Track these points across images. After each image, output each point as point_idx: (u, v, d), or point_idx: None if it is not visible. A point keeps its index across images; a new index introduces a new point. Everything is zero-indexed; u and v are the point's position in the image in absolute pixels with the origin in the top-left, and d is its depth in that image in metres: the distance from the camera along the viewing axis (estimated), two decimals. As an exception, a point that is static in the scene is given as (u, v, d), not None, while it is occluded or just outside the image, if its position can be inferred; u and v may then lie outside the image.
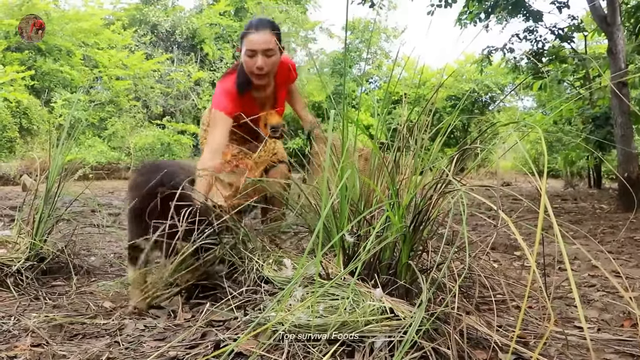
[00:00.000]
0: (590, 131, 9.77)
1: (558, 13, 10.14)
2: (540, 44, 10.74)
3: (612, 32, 6.54)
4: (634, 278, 2.76)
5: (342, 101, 1.84)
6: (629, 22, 8.22)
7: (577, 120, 11.31)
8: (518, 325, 0.89)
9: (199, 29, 19.54)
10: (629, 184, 6.33)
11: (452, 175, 1.45)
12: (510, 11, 9.66)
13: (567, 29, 10.43)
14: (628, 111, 6.52)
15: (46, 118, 13.39)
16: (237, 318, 1.67)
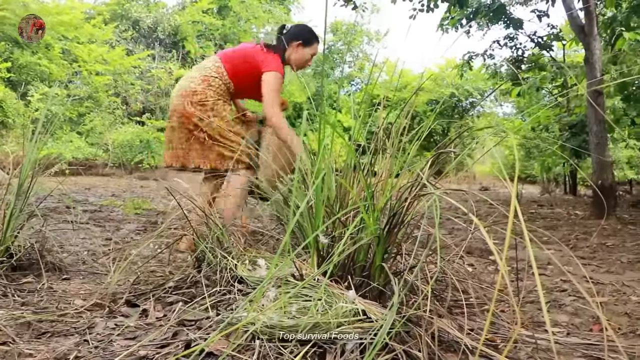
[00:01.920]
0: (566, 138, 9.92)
1: (538, 21, 10.29)
2: (520, 51, 10.89)
3: (589, 42, 6.64)
4: (604, 283, 2.79)
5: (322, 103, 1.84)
6: (606, 32, 8.35)
7: (555, 127, 11.46)
8: (485, 328, 0.89)
9: (181, 26, 19.43)
10: (602, 191, 6.43)
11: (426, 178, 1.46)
12: (491, 18, 9.77)
13: (546, 38, 10.58)
14: (603, 120, 6.62)
15: (22, 112, 13.19)
16: (210, 318, 1.66)
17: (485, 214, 5.33)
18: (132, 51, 17.75)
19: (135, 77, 16.93)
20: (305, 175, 2.00)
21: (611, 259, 3.71)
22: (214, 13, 21.27)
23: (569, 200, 10.62)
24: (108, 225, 4.29)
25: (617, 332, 1.93)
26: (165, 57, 19.12)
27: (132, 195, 7.64)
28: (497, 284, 0.89)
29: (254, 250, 2.13)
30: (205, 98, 3.16)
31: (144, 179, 12.51)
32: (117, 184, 10.35)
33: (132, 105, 16.82)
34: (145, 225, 4.36)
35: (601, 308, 2.27)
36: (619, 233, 5.12)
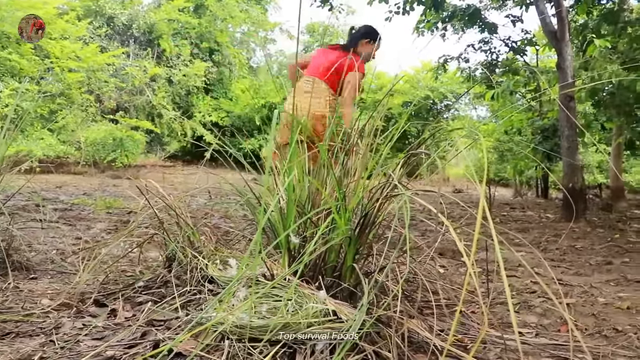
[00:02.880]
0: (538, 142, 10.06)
1: (512, 26, 10.42)
2: (494, 55, 11.02)
3: (561, 47, 6.74)
4: (573, 285, 2.84)
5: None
6: (577, 39, 8.50)
7: (527, 130, 11.61)
8: (453, 328, 0.90)
9: (157, 24, 19.23)
10: (572, 195, 6.52)
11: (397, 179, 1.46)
12: (467, 22, 9.86)
13: (520, 43, 10.73)
14: (574, 124, 6.72)
15: (-9, 107, 12.91)
16: (179, 318, 1.65)
17: (458, 216, 5.37)
18: (106, 48, 17.50)
19: (109, 75, 16.69)
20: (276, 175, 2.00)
21: (580, 261, 3.77)
22: (190, 12, 21.10)
23: (540, 203, 10.76)
24: (78, 224, 4.22)
25: (583, 332, 1.96)
26: (140, 55, 18.90)
27: (104, 194, 7.54)
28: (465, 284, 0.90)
29: (226, 249, 2.12)
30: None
31: (117, 178, 12.36)
32: (89, 183, 10.21)
33: (105, 103, 16.59)
34: (116, 224, 4.31)
35: (569, 309, 2.30)
36: (588, 236, 5.20)
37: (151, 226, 2.44)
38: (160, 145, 19.55)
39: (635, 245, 4.56)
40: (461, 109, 22.79)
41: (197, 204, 5.93)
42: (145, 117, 17.76)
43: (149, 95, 17.75)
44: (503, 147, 12.56)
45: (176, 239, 2.11)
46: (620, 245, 4.47)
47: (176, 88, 19.36)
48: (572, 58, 6.90)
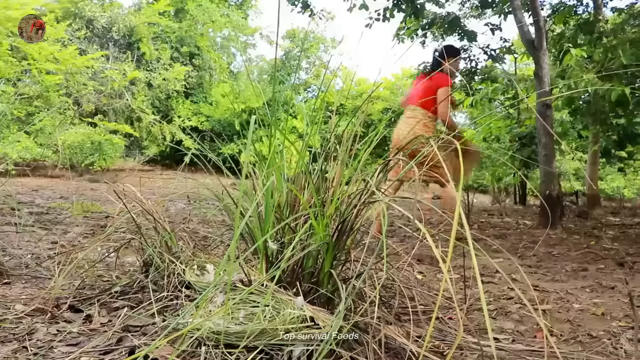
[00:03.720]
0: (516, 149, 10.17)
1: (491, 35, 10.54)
2: (473, 62, 11.12)
3: (538, 56, 6.83)
4: (549, 291, 2.86)
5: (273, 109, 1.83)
6: (555, 48, 8.62)
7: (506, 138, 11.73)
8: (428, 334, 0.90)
9: (137, 28, 19.11)
10: (549, 202, 6.60)
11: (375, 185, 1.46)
12: (446, 30, 9.95)
13: (499, 51, 10.84)
14: (551, 132, 6.80)
15: (-34, 109, 12.70)
16: (155, 323, 1.63)
17: (437, 222, 5.40)
18: (85, 51, 17.33)
19: (88, 78, 16.52)
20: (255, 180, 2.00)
21: (556, 267, 3.81)
22: (171, 15, 21.02)
23: (518, 209, 10.87)
24: (55, 228, 4.17)
25: (559, 338, 1.98)
26: (120, 58, 18.75)
27: (82, 198, 7.45)
28: (441, 290, 0.90)
29: (203, 255, 2.11)
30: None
31: (95, 182, 12.23)
32: (66, 186, 10.08)
33: (84, 106, 16.42)
34: (93, 229, 4.26)
35: (545, 315, 2.32)
36: (564, 242, 5.26)
37: (128, 231, 2.41)
38: (139, 149, 19.40)
39: (610, 251, 4.62)
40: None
41: (175, 208, 5.89)
42: (125, 121, 17.62)
43: (128, 98, 17.61)
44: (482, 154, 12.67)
45: (153, 243, 2.09)
46: (595, 252, 4.52)
47: (156, 92, 19.24)
48: (549, 67, 6.99)
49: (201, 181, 2.31)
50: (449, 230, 1.88)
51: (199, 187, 2.30)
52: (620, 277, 3.37)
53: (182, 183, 3.06)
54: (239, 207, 1.08)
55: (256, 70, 25.36)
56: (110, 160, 14.88)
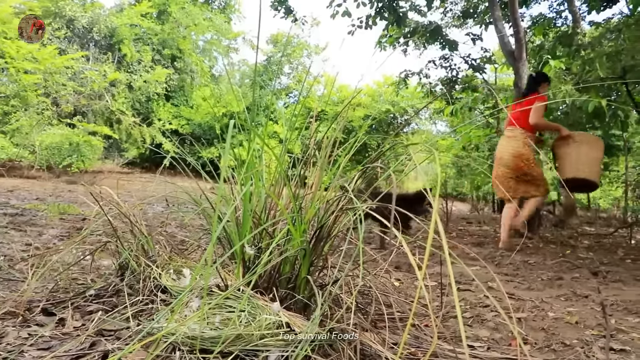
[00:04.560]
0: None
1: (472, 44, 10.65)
2: (454, 71, 11.22)
3: (518, 67, 6.92)
4: (525, 300, 2.89)
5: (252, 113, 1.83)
6: (534, 59, 8.74)
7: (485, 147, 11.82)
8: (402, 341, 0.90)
9: (118, 29, 18.97)
10: (526, 211, 6.66)
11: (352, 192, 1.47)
12: (428, 38, 10.02)
13: (479, 60, 10.95)
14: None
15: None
16: (130, 328, 1.62)
17: (415, 230, 5.42)
18: (65, 51, 17.15)
19: (67, 78, 16.34)
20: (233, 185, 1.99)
21: (532, 276, 3.84)
22: (153, 17, 20.89)
23: (496, 218, 10.95)
24: (29, 229, 4.11)
25: (533, 346, 2.00)
26: (100, 59, 18.57)
27: (58, 199, 7.36)
28: (416, 297, 0.90)
29: (180, 259, 2.09)
30: (528, 156, 5.19)
31: (72, 183, 12.08)
32: (42, 187, 9.95)
33: (62, 107, 16.23)
34: (69, 231, 4.20)
35: (520, 324, 2.34)
36: (540, 251, 5.31)
37: (105, 234, 2.39)
38: (118, 151, 19.22)
39: (585, 261, 4.68)
40: (421, 123, 23.10)
41: (154, 211, 5.84)
42: (104, 123, 17.44)
43: (108, 100, 17.45)
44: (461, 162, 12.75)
45: (130, 247, 2.07)
46: (570, 261, 4.58)
47: (136, 94, 19.10)
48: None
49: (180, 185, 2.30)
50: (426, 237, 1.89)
51: (177, 190, 2.28)
52: (594, 286, 3.42)
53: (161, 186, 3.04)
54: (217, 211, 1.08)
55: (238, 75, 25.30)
56: (89, 162, 14.71)
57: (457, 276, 3.40)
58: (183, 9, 21.11)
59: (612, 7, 6.30)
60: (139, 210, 2.34)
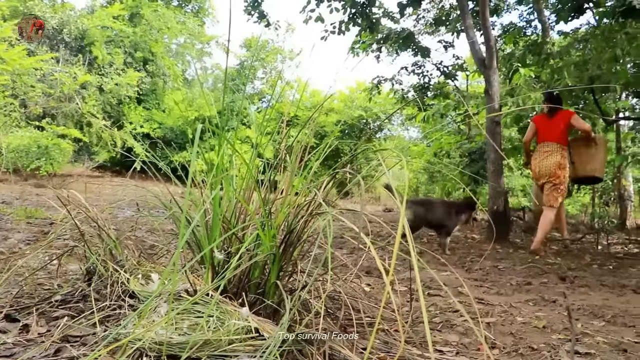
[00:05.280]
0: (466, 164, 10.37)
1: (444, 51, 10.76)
2: (426, 78, 11.32)
3: (489, 74, 7.01)
4: (494, 304, 2.92)
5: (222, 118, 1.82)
6: (505, 67, 8.87)
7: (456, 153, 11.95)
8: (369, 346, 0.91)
9: (89, 31, 18.71)
10: (496, 217, 6.76)
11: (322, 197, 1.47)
12: (401, 45, 10.09)
13: (451, 67, 11.07)
14: (500, 148, 6.98)
15: None
16: (96, 333, 1.59)
17: (387, 235, 5.45)
18: (34, 52, 16.85)
19: (36, 80, 16.06)
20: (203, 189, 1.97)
21: (502, 281, 3.89)
22: (125, 20, 20.67)
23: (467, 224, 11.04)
24: (-5, 234, 4.03)
25: (501, 351, 2.02)
26: (71, 61, 18.29)
27: (25, 203, 7.22)
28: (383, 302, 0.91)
29: (149, 264, 2.07)
30: (565, 165, 5.84)
31: (40, 187, 11.87)
32: (9, 190, 9.75)
33: (31, 109, 15.95)
34: (36, 235, 4.13)
35: (489, 328, 2.37)
36: (510, 257, 5.38)
37: (72, 238, 2.35)
38: (88, 154, 18.94)
39: (553, 266, 4.76)
40: (394, 129, 23.24)
41: (124, 216, 5.77)
42: (74, 125, 17.16)
43: (78, 102, 17.19)
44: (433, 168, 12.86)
45: (97, 251, 2.04)
46: (539, 267, 4.64)
47: (107, 97, 18.86)
48: (499, 85, 7.18)
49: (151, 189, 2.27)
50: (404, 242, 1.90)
51: (147, 195, 2.26)
52: (562, 290, 3.47)
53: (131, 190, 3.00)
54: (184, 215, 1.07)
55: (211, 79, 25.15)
56: (58, 165, 14.46)
57: (427, 281, 3.42)
58: (156, 11, 20.93)
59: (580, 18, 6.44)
60: (108, 214, 2.31)
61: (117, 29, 19.70)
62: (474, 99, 11.15)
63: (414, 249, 0.97)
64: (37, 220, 5.12)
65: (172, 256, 2.41)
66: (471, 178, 10.12)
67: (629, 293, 3.59)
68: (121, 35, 20.10)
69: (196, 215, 1.65)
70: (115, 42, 20.07)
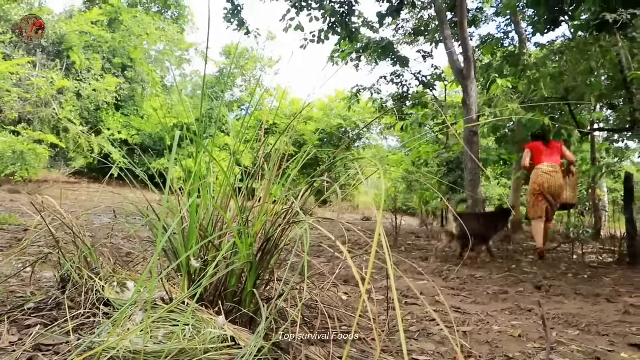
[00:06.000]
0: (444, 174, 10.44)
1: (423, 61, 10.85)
2: (405, 88, 11.40)
3: (467, 85, 7.09)
4: (470, 313, 2.94)
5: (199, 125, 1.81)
6: (483, 77, 8.97)
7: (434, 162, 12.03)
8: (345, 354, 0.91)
9: (68, 36, 18.54)
10: (474, 225, 6.80)
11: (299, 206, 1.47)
12: (380, 54, 10.16)
13: (430, 77, 11.17)
14: (477, 158, 7.05)
15: None
16: (70, 342, 1.57)
17: (365, 244, 5.45)
18: (10, 56, 16.62)
19: (12, 84, 15.84)
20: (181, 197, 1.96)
21: (479, 290, 3.92)
22: (104, 25, 20.52)
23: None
24: (-33, 240, 3.95)
25: (477, 359, 2.03)
26: (48, 66, 18.09)
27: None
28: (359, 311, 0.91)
29: (125, 271, 2.05)
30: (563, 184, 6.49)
31: (15, 193, 11.71)
32: (-17, 197, 9.60)
33: (6, 114, 15.72)
34: (10, 242, 4.06)
35: (466, 337, 2.38)
36: (487, 266, 5.42)
37: (46, 245, 2.32)
38: (65, 160, 18.72)
39: (529, 275, 4.80)
40: (372, 138, 23.34)
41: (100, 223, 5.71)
42: (50, 131, 16.94)
43: (55, 108, 16.99)
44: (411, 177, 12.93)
45: (72, 259, 2.02)
46: (516, 275, 4.68)
47: (85, 102, 18.67)
48: (476, 95, 7.26)
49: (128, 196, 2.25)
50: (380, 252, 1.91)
51: (124, 202, 2.24)
52: (537, 299, 3.50)
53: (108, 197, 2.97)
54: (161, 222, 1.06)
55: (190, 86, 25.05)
56: (33, 171, 14.27)
57: (405, 290, 3.43)
58: (135, 17, 20.82)
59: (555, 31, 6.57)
60: (84, 221, 2.28)
61: (96, 35, 19.55)
62: (452, 109, 11.25)
63: (390, 258, 0.97)
64: (10, 227, 5.04)
65: (148, 264, 2.39)
66: (449, 187, 10.20)
67: (603, 302, 3.63)
68: (100, 40, 19.95)
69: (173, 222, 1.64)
70: (94, 47, 19.91)
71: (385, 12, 9.30)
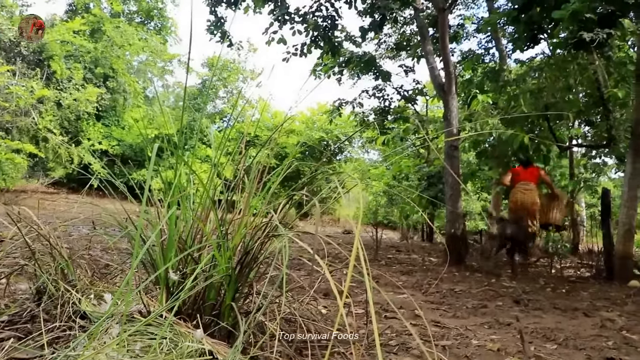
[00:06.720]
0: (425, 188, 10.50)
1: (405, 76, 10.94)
2: (387, 102, 11.47)
3: (448, 100, 7.15)
4: (450, 327, 2.94)
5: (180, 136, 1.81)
6: (464, 92, 9.06)
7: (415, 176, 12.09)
8: (322, 370, 0.90)
9: (49, 45, 18.40)
10: (453, 240, 6.85)
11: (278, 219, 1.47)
12: (362, 68, 10.23)
13: (411, 92, 11.26)
14: (458, 172, 7.11)
15: None
16: (44, 356, 1.54)
17: (345, 258, 5.45)
18: (-11, 65, 16.48)
19: (-9, 93, 15.67)
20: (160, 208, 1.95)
21: (458, 304, 3.93)
22: (86, 35, 20.42)
23: (425, 246, 11.16)
24: (-59, 251, 3.87)
25: (456, 374, 2.04)
26: (28, 74, 17.92)
27: (-25, 219, 6.98)
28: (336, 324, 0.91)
29: (102, 283, 2.02)
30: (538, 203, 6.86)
31: (-8, 203, 11.52)
32: (-42, 207, 9.43)
33: (-16, 123, 15.53)
34: (-15, 253, 3.99)
35: (444, 351, 2.38)
36: (466, 280, 5.45)
37: (22, 256, 2.28)
38: (44, 170, 18.50)
39: (508, 289, 4.83)
40: (354, 152, 23.41)
41: (79, 234, 5.64)
42: (29, 140, 16.75)
43: (34, 117, 16.81)
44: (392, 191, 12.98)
45: (48, 270, 1.99)
46: (495, 290, 4.71)
47: (65, 112, 18.51)
48: (457, 110, 7.33)
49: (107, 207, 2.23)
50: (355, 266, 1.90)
51: (102, 213, 2.22)
52: (516, 314, 3.52)
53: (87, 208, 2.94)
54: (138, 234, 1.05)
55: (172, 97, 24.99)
56: (11, 181, 14.09)
57: (384, 304, 3.43)
58: (118, 28, 20.75)
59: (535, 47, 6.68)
60: (61, 232, 2.26)
61: (78, 44, 19.43)
62: (433, 124, 11.34)
63: (369, 272, 0.97)
64: (-14, 238, 4.96)
65: (126, 276, 2.37)
66: (429, 201, 10.25)
67: (581, 316, 3.66)
68: (81, 50, 19.83)
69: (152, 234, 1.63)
70: (75, 57, 19.79)
71: (368, 26, 9.37)
